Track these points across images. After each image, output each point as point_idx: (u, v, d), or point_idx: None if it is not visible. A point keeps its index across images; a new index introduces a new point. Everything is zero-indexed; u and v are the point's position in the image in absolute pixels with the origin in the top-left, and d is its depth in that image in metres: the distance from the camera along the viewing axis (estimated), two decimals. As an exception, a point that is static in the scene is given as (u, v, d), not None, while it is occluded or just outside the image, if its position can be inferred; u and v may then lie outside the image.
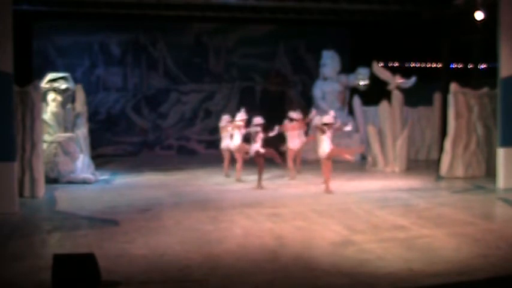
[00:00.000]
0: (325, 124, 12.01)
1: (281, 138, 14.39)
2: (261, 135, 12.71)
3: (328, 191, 12.02)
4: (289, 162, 14.16)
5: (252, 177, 13.69)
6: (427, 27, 19.34)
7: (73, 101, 15.06)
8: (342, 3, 16.99)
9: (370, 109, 18.27)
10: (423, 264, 6.77)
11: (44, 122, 13.44)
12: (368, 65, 17.68)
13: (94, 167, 14.82)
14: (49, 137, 13.71)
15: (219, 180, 14.14)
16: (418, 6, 17.54)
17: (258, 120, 12.94)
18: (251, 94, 21.95)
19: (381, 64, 18.16)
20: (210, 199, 11.55)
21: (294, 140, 14.21)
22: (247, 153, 13.30)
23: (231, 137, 13.91)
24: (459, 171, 14.28)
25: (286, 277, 6.41)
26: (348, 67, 20.24)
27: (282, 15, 18.78)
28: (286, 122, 14.49)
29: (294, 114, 14.50)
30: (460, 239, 8.02)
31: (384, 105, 16.01)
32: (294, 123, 14.29)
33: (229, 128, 14.04)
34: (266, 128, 13.04)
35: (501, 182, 12.60)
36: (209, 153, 20.51)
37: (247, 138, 13.34)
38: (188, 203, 11.08)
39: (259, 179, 12.66)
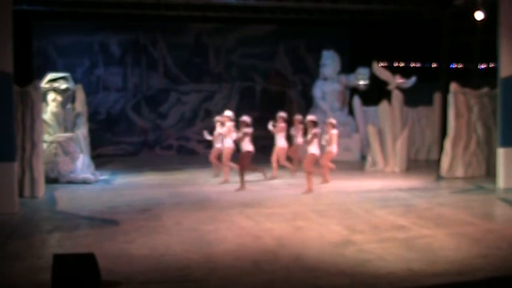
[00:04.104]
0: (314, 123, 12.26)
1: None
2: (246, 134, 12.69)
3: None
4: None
5: (250, 177, 13.68)
6: (427, 27, 19.36)
7: (73, 101, 15.07)
8: (342, 3, 17.00)
9: (370, 109, 18.27)
10: (423, 264, 6.77)
11: (44, 122, 13.44)
12: (368, 65, 17.69)
13: (94, 167, 14.83)
14: (49, 137, 13.72)
15: (218, 180, 14.13)
16: (418, 6, 17.55)
17: (246, 119, 12.86)
18: (251, 94, 21.95)
19: (381, 64, 18.16)
20: (210, 199, 11.56)
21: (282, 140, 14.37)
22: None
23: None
24: (459, 171, 14.28)
25: (286, 277, 6.41)
26: (348, 67, 20.25)
27: (282, 15, 18.79)
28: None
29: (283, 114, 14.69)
30: (460, 239, 8.02)
31: (383, 105, 16.01)
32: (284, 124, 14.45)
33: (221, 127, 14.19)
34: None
35: (501, 182, 12.60)
36: (209, 153, 20.49)
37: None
38: (188, 203, 11.08)
39: (243, 180, 12.61)
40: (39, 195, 11.91)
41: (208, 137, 14.68)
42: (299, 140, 14.64)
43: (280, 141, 14.32)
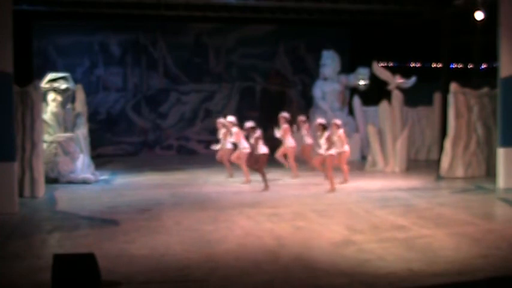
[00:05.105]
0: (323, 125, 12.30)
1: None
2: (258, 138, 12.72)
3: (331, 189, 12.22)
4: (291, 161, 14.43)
5: (253, 177, 13.69)
6: (427, 27, 19.35)
7: (73, 101, 15.07)
8: (342, 3, 16.99)
9: (370, 109, 18.26)
10: (423, 264, 6.77)
11: (44, 122, 13.44)
12: (368, 65, 17.68)
13: (94, 167, 14.82)
14: (49, 137, 13.72)
15: (219, 180, 14.13)
16: (418, 6, 17.55)
17: (252, 124, 12.92)
18: (251, 94, 21.94)
19: (381, 64, 18.16)
20: (210, 199, 11.56)
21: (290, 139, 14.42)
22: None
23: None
24: (459, 171, 14.28)
25: (286, 277, 6.41)
26: (348, 67, 20.24)
27: (282, 15, 18.78)
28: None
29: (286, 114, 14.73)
30: (460, 239, 8.02)
31: (383, 105, 16.01)
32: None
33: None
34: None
35: (501, 182, 12.61)
36: (209, 153, 20.51)
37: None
38: (188, 203, 11.08)
39: (265, 180, 12.67)
40: (39, 195, 11.91)
41: (216, 148, 14.68)
42: (308, 140, 14.72)
43: (288, 141, 14.34)
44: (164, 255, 7.29)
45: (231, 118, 14.16)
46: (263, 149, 12.63)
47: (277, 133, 14.38)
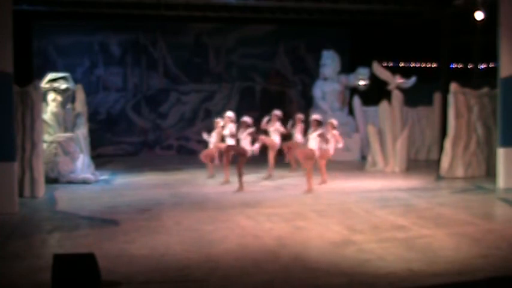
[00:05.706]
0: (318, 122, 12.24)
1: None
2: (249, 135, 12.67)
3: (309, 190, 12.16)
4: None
5: (250, 178, 13.70)
6: (427, 27, 19.36)
7: (73, 101, 15.07)
8: (342, 3, 17.00)
9: (370, 109, 18.27)
10: (423, 264, 6.77)
11: (44, 122, 13.44)
12: (368, 65, 17.69)
13: (94, 167, 14.83)
14: (49, 137, 13.72)
15: (218, 180, 14.12)
16: (418, 6, 17.56)
17: (247, 120, 12.83)
18: (251, 94, 21.95)
19: (381, 64, 18.16)
20: (210, 199, 11.55)
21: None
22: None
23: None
24: (459, 171, 14.28)
25: (286, 277, 6.41)
26: (348, 67, 20.25)
27: (282, 15, 18.79)
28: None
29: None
30: (460, 239, 8.02)
31: (383, 105, 16.01)
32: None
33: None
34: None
35: (501, 182, 12.61)
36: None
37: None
38: (188, 203, 11.08)
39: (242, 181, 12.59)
40: (39, 195, 11.91)
41: (206, 137, 14.73)
42: (298, 138, 14.67)
43: (274, 138, 14.42)
44: (164, 255, 7.29)
45: (229, 113, 14.01)
46: (247, 147, 12.57)
47: (265, 124, 14.51)
